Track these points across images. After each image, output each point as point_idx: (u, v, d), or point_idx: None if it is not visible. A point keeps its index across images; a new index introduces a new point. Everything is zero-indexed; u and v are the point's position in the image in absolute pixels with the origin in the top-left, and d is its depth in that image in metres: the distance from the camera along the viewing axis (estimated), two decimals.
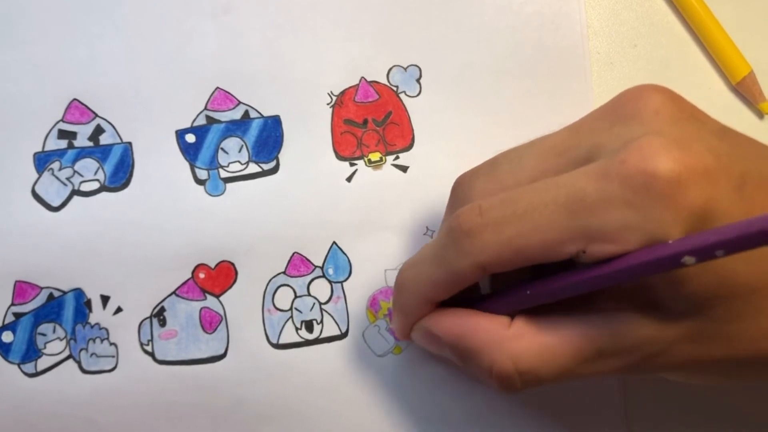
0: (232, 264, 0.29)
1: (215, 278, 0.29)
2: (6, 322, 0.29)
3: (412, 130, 0.31)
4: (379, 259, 0.30)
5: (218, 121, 0.30)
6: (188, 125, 0.30)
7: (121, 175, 0.30)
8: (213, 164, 0.30)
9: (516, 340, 0.22)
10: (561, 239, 0.20)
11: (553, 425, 0.29)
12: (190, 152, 0.30)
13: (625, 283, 0.20)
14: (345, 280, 0.30)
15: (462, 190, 0.24)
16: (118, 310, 0.29)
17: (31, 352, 0.29)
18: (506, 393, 0.22)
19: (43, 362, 0.29)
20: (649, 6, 0.32)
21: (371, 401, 0.29)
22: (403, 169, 0.30)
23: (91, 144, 0.30)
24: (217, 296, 0.29)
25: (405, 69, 0.31)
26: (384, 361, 0.29)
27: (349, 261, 0.30)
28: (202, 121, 0.30)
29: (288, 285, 0.30)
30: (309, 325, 0.29)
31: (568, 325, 0.21)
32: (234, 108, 0.30)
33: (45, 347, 0.29)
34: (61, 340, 0.29)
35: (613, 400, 0.29)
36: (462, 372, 0.29)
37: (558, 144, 0.22)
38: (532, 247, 0.20)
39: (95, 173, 0.30)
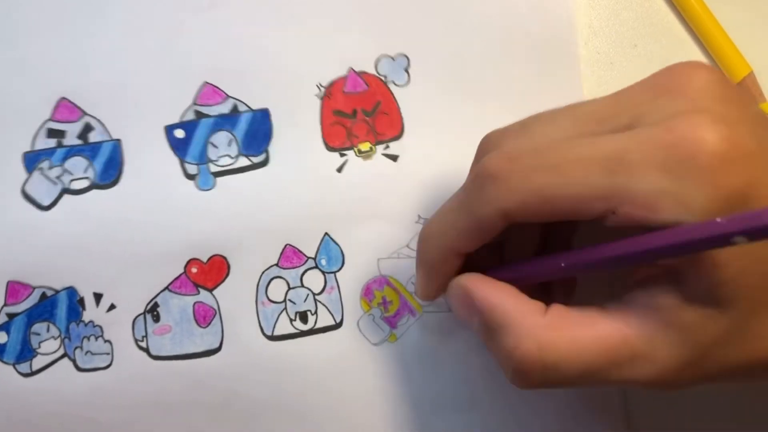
0: (225, 258, 0.29)
1: (208, 272, 0.29)
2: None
3: (402, 119, 0.31)
4: (371, 249, 0.30)
5: (207, 116, 0.30)
6: (177, 120, 0.30)
7: (111, 173, 0.30)
8: (203, 159, 0.30)
9: (548, 329, 0.21)
10: (592, 195, 0.19)
11: (554, 418, 0.29)
12: (179, 147, 0.30)
13: (666, 259, 0.19)
14: (338, 271, 0.30)
15: (490, 144, 0.23)
16: (112, 307, 0.29)
17: (26, 352, 0.29)
18: (519, 384, 0.21)
19: (38, 362, 0.29)
20: (649, 6, 0.33)
21: (368, 390, 0.29)
22: (394, 158, 0.30)
23: (80, 142, 0.30)
24: (210, 290, 0.29)
25: (393, 58, 0.31)
26: (380, 350, 0.29)
27: (341, 251, 0.30)
28: (190, 116, 0.30)
29: (281, 277, 0.30)
30: (303, 316, 0.29)
31: (605, 321, 0.20)
32: (222, 102, 0.30)
33: (39, 346, 0.29)
34: (56, 338, 0.29)
35: (613, 397, 0.30)
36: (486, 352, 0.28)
37: (597, 110, 0.21)
38: (561, 198, 0.20)
39: (85, 171, 0.30)
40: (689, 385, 0.21)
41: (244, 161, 0.30)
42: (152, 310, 0.29)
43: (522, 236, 0.25)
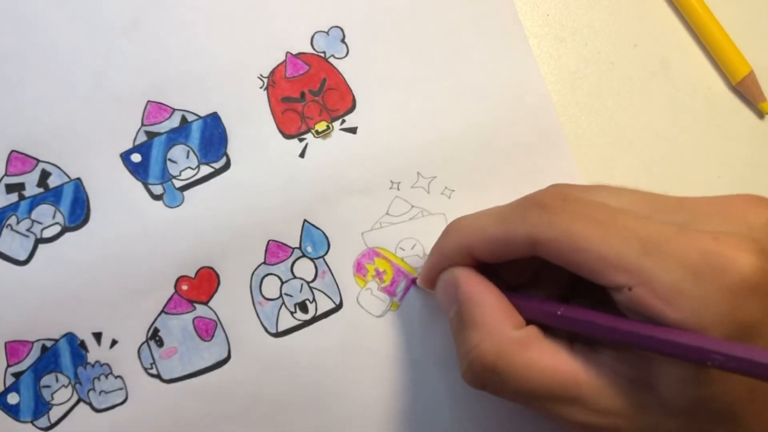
0: (212, 268, 0.29)
1: (198, 287, 0.29)
2: (7, 384, 0.29)
3: (351, 90, 0.30)
4: (352, 224, 0.30)
5: (158, 134, 0.30)
6: (130, 146, 0.30)
7: (78, 213, 0.29)
8: (165, 177, 0.30)
9: (514, 342, 0.22)
10: (619, 264, 0.20)
11: None
12: (139, 171, 0.30)
13: (654, 353, 0.20)
14: (325, 254, 0.30)
15: (554, 188, 0.24)
16: (114, 342, 0.29)
17: (41, 407, 0.29)
18: (468, 380, 0.23)
19: (55, 413, 0.29)
20: (649, 6, 0.32)
21: (381, 362, 0.29)
22: (352, 130, 0.30)
23: (41, 190, 0.29)
24: (206, 303, 0.29)
25: (327, 33, 0.31)
26: (384, 321, 0.30)
27: (324, 234, 0.30)
28: (142, 138, 0.30)
29: (272, 273, 0.30)
30: (303, 307, 0.29)
31: (567, 358, 0.21)
32: (170, 117, 0.30)
33: (53, 398, 0.29)
34: (66, 386, 0.29)
35: None
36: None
37: (659, 201, 0.22)
38: (591, 255, 0.20)
39: (53, 217, 0.29)
40: None
41: (206, 169, 0.30)
42: (154, 336, 0.29)
43: (549, 283, 0.26)
